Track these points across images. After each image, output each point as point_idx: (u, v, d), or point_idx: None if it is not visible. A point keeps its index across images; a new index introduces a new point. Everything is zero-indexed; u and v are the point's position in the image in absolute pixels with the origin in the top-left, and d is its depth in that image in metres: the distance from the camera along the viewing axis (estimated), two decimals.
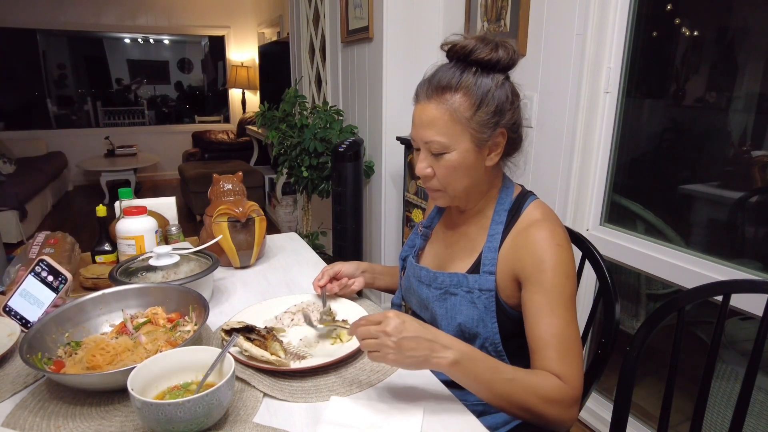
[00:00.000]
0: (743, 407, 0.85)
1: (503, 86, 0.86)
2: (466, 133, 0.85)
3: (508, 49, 0.85)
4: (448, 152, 0.86)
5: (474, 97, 0.84)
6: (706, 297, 0.92)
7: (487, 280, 0.90)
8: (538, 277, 0.84)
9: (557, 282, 0.83)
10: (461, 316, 0.92)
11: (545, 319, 0.82)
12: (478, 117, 0.84)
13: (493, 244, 0.91)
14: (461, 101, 0.84)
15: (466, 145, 0.86)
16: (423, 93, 0.87)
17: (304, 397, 0.80)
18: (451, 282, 0.94)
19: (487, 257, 0.91)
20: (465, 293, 0.92)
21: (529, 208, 0.92)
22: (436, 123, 0.85)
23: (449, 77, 0.85)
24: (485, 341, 0.91)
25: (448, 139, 0.85)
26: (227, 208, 1.29)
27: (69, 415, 0.74)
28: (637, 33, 1.60)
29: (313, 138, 2.66)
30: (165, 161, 6.66)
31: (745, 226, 1.49)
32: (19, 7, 5.59)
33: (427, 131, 0.86)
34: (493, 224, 0.93)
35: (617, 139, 1.68)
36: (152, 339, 0.86)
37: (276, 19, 5.55)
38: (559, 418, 0.78)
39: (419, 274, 1.01)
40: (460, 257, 0.97)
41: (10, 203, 3.91)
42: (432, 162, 0.89)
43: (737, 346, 1.53)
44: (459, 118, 0.84)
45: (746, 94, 1.43)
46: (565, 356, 0.80)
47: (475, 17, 2.09)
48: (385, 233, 2.67)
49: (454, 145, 0.85)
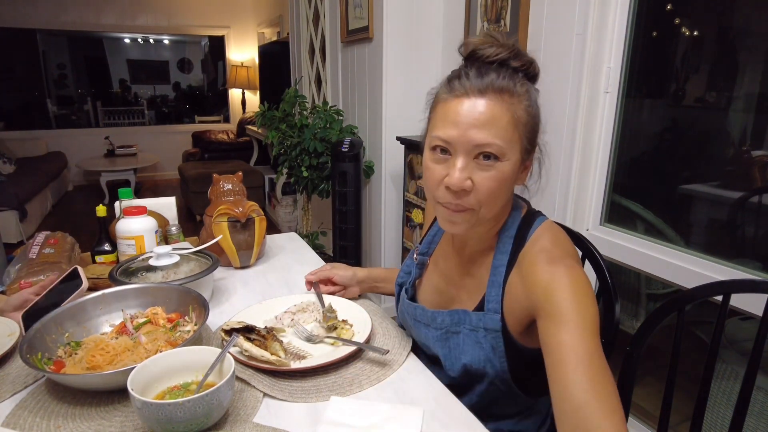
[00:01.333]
0: (743, 407, 0.85)
1: None
2: (519, 143, 0.74)
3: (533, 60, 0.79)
4: (501, 160, 0.73)
5: (530, 104, 0.75)
6: (706, 297, 0.92)
7: (492, 319, 0.80)
8: (552, 309, 0.70)
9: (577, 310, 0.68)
10: (466, 357, 0.84)
11: (573, 358, 0.65)
12: (530, 127, 0.76)
13: (497, 278, 0.81)
14: (521, 106, 0.74)
15: (517, 156, 0.74)
16: (472, 86, 0.73)
17: (304, 397, 0.80)
18: (452, 320, 0.84)
19: (492, 294, 0.80)
20: (469, 331, 0.83)
21: (536, 233, 0.80)
22: (497, 123, 0.72)
23: (505, 76, 0.74)
24: (494, 379, 0.83)
25: (506, 144, 0.72)
26: (227, 208, 1.29)
27: (69, 415, 0.74)
28: (637, 33, 1.60)
29: (313, 138, 2.66)
30: (165, 161, 6.66)
31: (745, 226, 1.49)
32: (19, 7, 5.59)
33: (481, 132, 0.71)
34: (497, 254, 0.82)
35: (617, 139, 1.68)
36: (152, 339, 0.86)
37: (276, 19, 5.55)
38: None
39: (414, 313, 0.92)
40: (464, 292, 0.87)
41: (10, 203, 3.91)
42: (472, 172, 0.73)
43: (737, 346, 1.53)
44: (517, 124, 0.73)
45: (746, 94, 1.43)
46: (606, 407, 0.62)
47: (475, 17, 2.09)
48: (385, 233, 2.67)
49: (509, 153, 0.73)
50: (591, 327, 0.67)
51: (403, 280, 1.01)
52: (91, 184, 6.19)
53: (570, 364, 0.65)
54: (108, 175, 5.54)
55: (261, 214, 1.35)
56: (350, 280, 1.13)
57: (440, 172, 0.75)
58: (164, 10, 6.31)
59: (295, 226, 4.18)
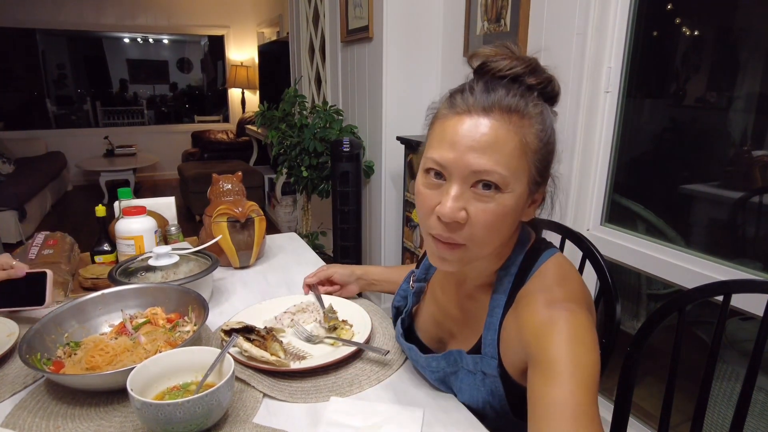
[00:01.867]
0: (744, 407, 0.84)
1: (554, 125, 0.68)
2: (527, 173, 0.64)
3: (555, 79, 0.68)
4: (503, 192, 0.62)
5: (543, 128, 0.64)
6: (707, 297, 0.91)
7: (488, 364, 0.72)
8: (542, 357, 0.61)
9: (572, 361, 0.59)
10: (464, 396, 0.78)
11: (558, 414, 0.56)
12: (542, 155, 0.65)
13: (493, 320, 0.72)
14: (531, 130, 0.63)
15: (523, 187, 0.64)
16: (476, 103, 0.63)
17: (304, 397, 0.80)
18: (448, 363, 0.77)
19: (487, 337, 0.72)
20: (467, 372, 0.76)
21: (539, 271, 0.70)
22: (501, 148, 0.61)
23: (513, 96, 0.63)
24: (496, 418, 0.77)
25: (510, 173, 0.62)
26: (227, 208, 1.29)
27: (68, 416, 0.74)
28: (637, 33, 1.60)
29: (312, 138, 2.66)
30: (164, 161, 6.66)
31: (746, 226, 1.49)
32: (19, 7, 5.59)
33: (482, 157, 0.61)
34: (495, 294, 0.73)
35: (617, 139, 1.68)
36: (152, 339, 0.86)
37: (275, 19, 5.54)
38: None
39: (409, 353, 0.86)
40: (462, 328, 0.81)
41: (10, 203, 3.90)
42: (468, 202, 0.63)
43: (738, 346, 1.53)
44: (526, 151, 0.63)
45: (747, 94, 1.43)
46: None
47: (475, 17, 2.09)
48: (385, 233, 2.67)
49: (514, 183, 0.63)
50: (586, 381, 0.58)
51: (399, 305, 0.94)
52: (90, 184, 6.19)
53: (553, 422, 0.56)
54: (107, 175, 5.54)
55: (260, 214, 1.35)
56: (349, 278, 1.13)
57: (433, 199, 0.65)
58: (164, 9, 6.31)
59: (294, 226, 4.18)
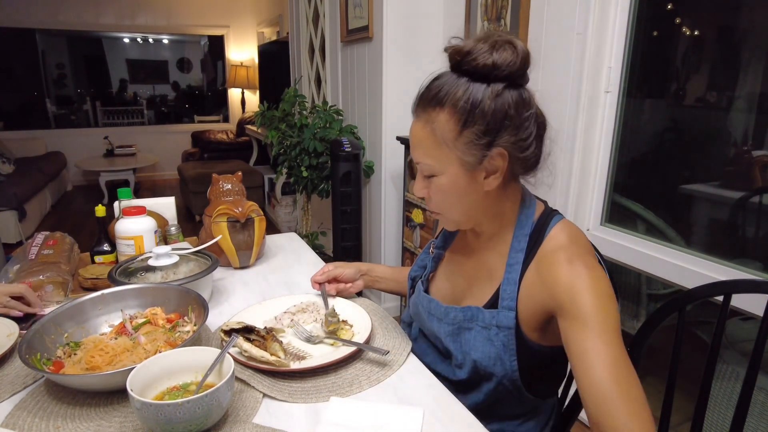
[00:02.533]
0: (744, 407, 0.85)
1: (500, 98, 0.72)
2: (452, 155, 0.75)
3: (509, 51, 0.71)
4: (437, 175, 0.78)
5: (459, 114, 0.73)
6: (707, 297, 0.91)
7: (506, 316, 0.80)
8: (576, 311, 0.71)
9: (601, 312, 0.70)
10: (476, 353, 0.83)
11: (600, 363, 0.67)
12: (464, 138, 0.74)
13: (513, 275, 0.80)
14: (446, 120, 0.74)
15: (455, 168, 0.76)
16: (413, 108, 0.80)
17: (304, 397, 0.80)
18: (465, 317, 0.85)
19: (506, 291, 0.81)
20: (481, 328, 0.83)
21: (553, 231, 0.80)
22: (422, 144, 0.78)
23: (436, 90, 0.75)
24: (502, 378, 0.83)
25: (434, 161, 0.77)
26: (227, 208, 1.29)
27: (68, 416, 0.74)
28: (637, 33, 1.60)
29: (312, 138, 2.66)
30: (164, 161, 6.66)
31: (746, 226, 1.49)
32: (19, 7, 5.59)
33: (415, 151, 0.80)
34: (513, 252, 0.82)
35: (618, 139, 1.68)
36: (151, 339, 0.86)
37: (275, 19, 5.54)
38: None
39: (429, 306, 0.92)
40: (477, 288, 0.87)
41: (9, 203, 3.90)
42: (426, 183, 0.81)
43: (738, 346, 1.53)
44: (443, 140, 0.75)
45: (747, 94, 1.43)
46: (634, 407, 0.64)
47: (475, 17, 2.09)
48: (385, 233, 2.67)
49: (442, 167, 0.77)
50: (614, 330, 0.69)
51: (416, 274, 1.01)
52: (90, 184, 6.19)
53: (597, 368, 0.67)
54: (107, 175, 5.53)
55: (260, 214, 1.35)
56: (355, 274, 1.13)
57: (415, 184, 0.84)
58: (163, 9, 6.31)
59: (294, 226, 4.18)
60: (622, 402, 0.64)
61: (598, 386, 0.66)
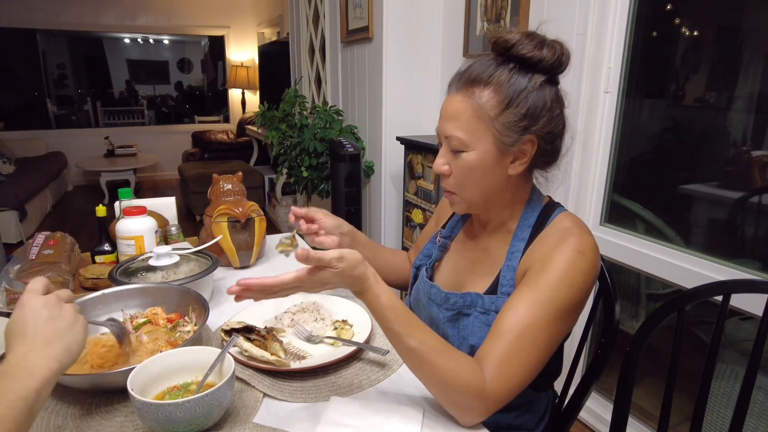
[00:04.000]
0: (743, 407, 0.85)
1: (542, 89, 0.79)
2: (488, 132, 0.78)
3: (556, 49, 0.78)
4: (466, 150, 0.79)
5: (504, 94, 0.77)
6: (706, 297, 0.92)
7: (504, 301, 0.81)
8: (536, 275, 0.75)
9: (555, 285, 0.73)
10: (474, 338, 0.85)
11: (513, 316, 0.72)
12: (504, 117, 0.77)
13: (513, 263, 0.84)
14: (489, 97, 0.77)
15: (487, 146, 0.79)
16: (454, 84, 0.82)
17: (304, 397, 0.80)
18: (464, 302, 0.87)
19: (506, 277, 0.84)
20: (479, 314, 0.85)
21: (557, 219, 0.84)
22: (459, 117, 0.79)
23: (482, 70, 0.79)
24: None
25: (468, 136, 0.79)
26: (227, 208, 1.29)
27: (69, 416, 0.74)
28: (637, 33, 1.60)
29: (312, 138, 2.66)
30: (165, 161, 6.66)
31: (745, 226, 1.49)
32: (19, 7, 5.59)
33: (448, 124, 0.80)
34: (515, 241, 0.86)
35: (617, 139, 1.68)
36: (153, 339, 0.86)
37: (276, 19, 5.54)
38: (459, 409, 0.72)
39: (430, 291, 0.94)
40: (479, 275, 0.90)
41: (10, 203, 3.90)
42: (450, 159, 0.82)
43: (737, 346, 1.53)
44: (483, 116, 0.77)
45: (746, 94, 1.43)
46: (508, 359, 0.70)
47: (475, 17, 2.09)
48: (385, 233, 2.67)
49: (474, 143, 0.79)
50: (553, 305, 0.72)
51: (421, 263, 1.03)
52: (90, 184, 6.19)
53: (508, 317, 0.73)
54: (108, 175, 5.53)
55: (261, 214, 1.35)
56: (334, 229, 1.06)
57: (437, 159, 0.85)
58: (164, 10, 6.31)
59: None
60: (504, 356, 0.70)
61: (501, 329, 0.72)
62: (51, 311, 0.63)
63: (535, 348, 0.72)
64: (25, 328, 0.61)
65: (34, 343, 0.59)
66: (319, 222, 1.05)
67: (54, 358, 0.60)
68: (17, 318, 0.62)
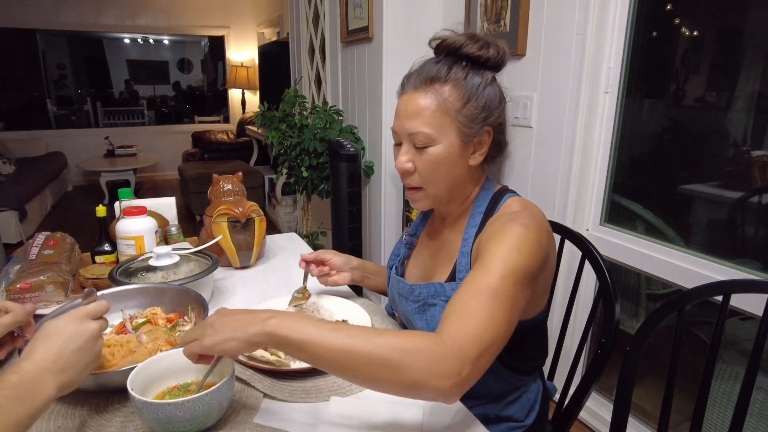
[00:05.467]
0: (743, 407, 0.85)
1: (492, 85, 0.85)
2: (453, 125, 0.83)
3: (499, 48, 0.84)
4: (432, 145, 0.83)
5: (463, 90, 0.82)
6: (706, 297, 0.92)
7: None
8: (484, 252, 0.76)
9: (501, 252, 0.73)
10: None
11: (468, 286, 0.71)
12: (466, 110, 0.82)
13: (466, 248, 0.87)
14: (450, 92, 0.82)
15: (452, 138, 0.83)
16: (410, 84, 0.85)
17: (304, 397, 0.80)
18: (428, 293, 0.90)
19: (462, 263, 0.87)
20: (443, 303, 0.87)
21: (506, 203, 0.87)
22: (423, 113, 0.82)
23: (438, 69, 0.83)
24: None
25: (434, 130, 0.82)
26: (227, 208, 1.29)
27: (69, 416, 0.74)
28: (637, 33, 1.60)
29: (312, 138, 2.66)
30: (165, 161, 6.66)
31: (745, 226, 1.49)
32: (19, 7, 5.59)
33: (412, 121, 0.83)
34: (468, 227, 0.89)
35: (617, 139, 1.68)
36: (152, 339, 0.86)
37: (276, 19, 5.55)
38: (427, 373, 0.61)
39: (398, 286, 0.98)
40: (441, 266, 0.94)
41: (10, 203, 3.90)
42: (414, 156, 0.85)
43: (737, 346, 1.53)
44: (447, 110, 0.82)
45: (746, 94, 1.43)
46: (465, 311, 0.67)
47: (474, 17, 2.09)
48: (385, 233, 2.67)
49: (440, 137, 0.83)
50: (505, 271, 0.71)
51: (393, 262, 1.07)
52: (90, 184, 6.19)
53: (463, 288, 0.71)
54: (108, 176, 5.53)
55: (261, 214, 1.35)
56: (344, 265, 1.12)
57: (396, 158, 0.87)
58: (164, 10, 6.31)
59: (295, 226, 4.18)
60: (460, 316, 0.67)
61: (452, 304, 0.69)
62: (85, 343, 0.65)
63: (494, 302, 0.68)
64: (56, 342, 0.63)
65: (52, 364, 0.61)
66: (328, 263, 1.11)
67: (60, 386, 0.61)
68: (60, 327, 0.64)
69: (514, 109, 1.91)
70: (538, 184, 1.86)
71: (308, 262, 1.11)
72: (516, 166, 1.95)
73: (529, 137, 1.87)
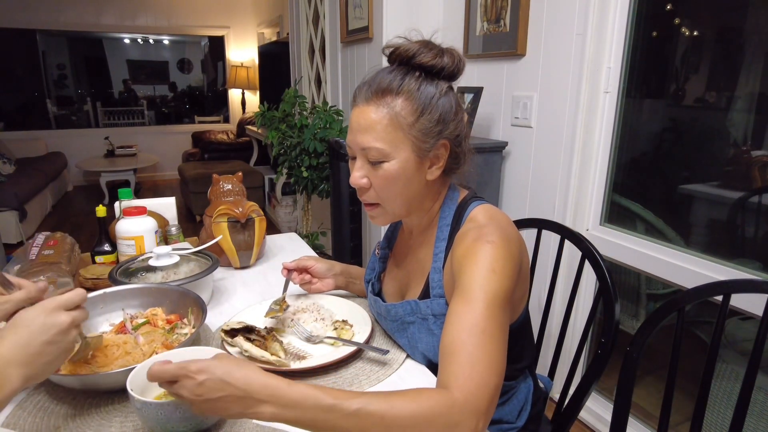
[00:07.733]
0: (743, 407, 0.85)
1: (447, 95, 0.81)
2: (407, 140, 0.78)
3: (454, 56, 0.80)
4: (387, 161, 0.79)
5: (417, 102, 0.78)
6: (706, 297, 0.92)
7: (438, 303, 0.83)
8: (460, 281, 0.73)
9: (477, 282, 0.71)
10: (422, 344, 0.87)
11: (457, 325, 0.68)
12: (420, 124, 0.78)
13: (438, 264, 0.85)
14: (403, 105, 0.78)
15: (407, 154, 0.79)
16: (362, 95, 0.81)
17: None
18: (405, 311, 0.88)
19: (434, 279, 0.84)
20: (421, 320, 0.86)
21: (471, 214, 0.84)
22: (375, 127, 0.78)
23: (390, 79, 0.79)
24: None
25: (387, 145, 0.78)
26: (227, 208, 1.29)
27: (68, 416, 0.74)
28: (637, 33, 1.60)
29: (312, 138, 2.66)
30: (165, 161, 6.66)
31: (745, 226, 1.49)
32: (19, 8, 5.59)
33: (364, 136, 0.79)
34: (437, 242, 0.87)
35: (617, 139, 1.68)
36: (149, 341, 0.86)
37: (276, 19, 5.55)
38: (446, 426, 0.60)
39: (376, 306, 0.97)
40: (414, 283, 0.92)
41: (10, 203, 3.91)
42: (369, 172, 0.82)
43: (737, 346, 1.53)
44: (400, 124, 0.78)
45: (746, 94, 1.43)
46: (468, 362, 0.65)
47: (474, 17, 2.09)
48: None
49: (394, 152, 0.79)
50: (487, 300, 0.69)
51: (369, 277, 1.05)
52: (90, 184, 6.19)
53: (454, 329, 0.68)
54: (108, 176, 5.53)
55: (261, 214, 1.35)
56: (327, 271, 1.11)
57: (352, 173, 0.84)
58: (164, 10, 6.31)
59: (295, 226, 4.18)
60: (463, 363, 0.64)
61: (448, 346, 0.67)
62: (54, 336, 0.63)
63: (488, 339, 0.67)
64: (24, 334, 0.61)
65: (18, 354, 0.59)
66: (311, 270, 1.10)
67: (25, 378, 0.60)
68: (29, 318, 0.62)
69: (514, 109, 1.91)
70: (538, 183, 1.86)
71: (290, 270, 1.09)
72: (516, 166, 1.95)
73: (529, 137, 1.87)
